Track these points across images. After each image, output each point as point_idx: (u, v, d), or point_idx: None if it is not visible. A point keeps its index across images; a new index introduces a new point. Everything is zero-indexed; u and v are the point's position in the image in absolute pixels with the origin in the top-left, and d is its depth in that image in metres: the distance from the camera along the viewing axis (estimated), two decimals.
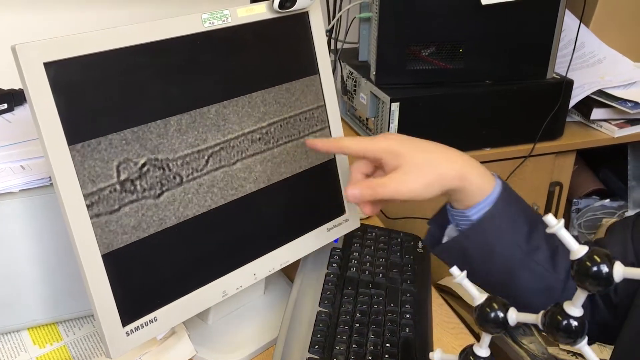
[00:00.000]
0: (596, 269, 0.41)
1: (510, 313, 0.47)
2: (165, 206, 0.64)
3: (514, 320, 0.47)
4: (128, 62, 0.61)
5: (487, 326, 0.48)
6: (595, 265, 0.41)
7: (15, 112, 0.84)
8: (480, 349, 0.50)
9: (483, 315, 0.48)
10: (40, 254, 0.73)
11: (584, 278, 0.41)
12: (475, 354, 0.50)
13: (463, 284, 0.50)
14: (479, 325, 0.49)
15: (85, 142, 0.58)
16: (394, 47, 1.15)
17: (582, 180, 1.58)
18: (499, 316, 0.47)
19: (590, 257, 0.41)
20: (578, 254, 0.42)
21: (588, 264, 0.41)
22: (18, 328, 0.77)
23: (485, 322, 0.48)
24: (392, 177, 0.64)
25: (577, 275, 0.42)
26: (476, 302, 0.49)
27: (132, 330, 0.63)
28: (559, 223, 0.43)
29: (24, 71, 0.54)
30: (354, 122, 1.34)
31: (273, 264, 0.76)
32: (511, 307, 0.48)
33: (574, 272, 0.42)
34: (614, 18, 1.43)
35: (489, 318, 0.47)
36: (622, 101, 1.30)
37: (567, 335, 0.43)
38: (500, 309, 0.47)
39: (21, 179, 0.68)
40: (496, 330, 0.48)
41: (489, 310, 0.48)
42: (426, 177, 0.63)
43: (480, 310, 0.48)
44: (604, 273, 0.41)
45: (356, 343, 0.70)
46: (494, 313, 0.47)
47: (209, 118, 0.67)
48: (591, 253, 0.41)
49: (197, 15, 0.65)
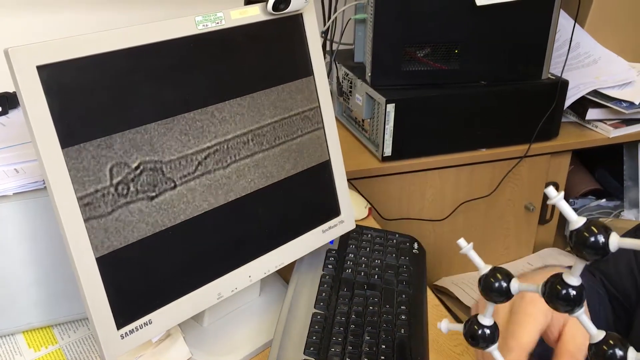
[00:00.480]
0: (593, 239, 0.43)
1: (513, 283, 0.50)
2: (160, 209, 0.64)
3: (516, 289, 0.50)
4: (121, 64, 0.61)
5: (492, 295, 0.50)
6: (593, 236, 0.43)
7: (10, 115, 0.84)
8: (484, 318, 0.53)
9: (488, 285, 0.50)
10: (34, 257, 0.72)
11: (582, 247, 0.43)
12: (479, 322, 0.53)
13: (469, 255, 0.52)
14: (483, 294, 0.51)
15: (78, 145, 0.58)
16: (389, 49, 1.15)
17: (578, 180, 1.58)
18: (502, 285, 0.50)
19: (587, 227, 0.43)
20: (576, 224, 0.44)
21: (586, 234, 0.43)
22: (13, 331, 0.77)
23: (490, 292, 0.50)
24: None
25: (575, 245, 0.44)
26: (481, 272, 0.51)
27: (126, 333, 0.63)
28: (558, 195, 0.45)
29: (16, 74, 0.54)
30: (350, 123, 1.34)
31: (268, 265, 0.76)
32: (514, 277, 0.50)
33: (573, 242, 0.44)
34: (608, 18, 1.43)
35: (493, 287, 0.50)
36: (617, 101, 1.30)
37: (566, 304, 0.45)
38: (504, 279, 0.50)
39: (15, 182, 0.68)
40: (500, 300, 0.50)
41: (493, 280, 0.50)
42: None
43: (485, 280, 0.51)
44: (600, 243, 0.42)
45: (351, 344, 0.71)
46: (497, 283, 0.50)
47: (203, 120, 0.67)
48: (589, 224, 0.43)
49: (190, 18, 0.65)
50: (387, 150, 1.17)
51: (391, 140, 1.16)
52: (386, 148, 1.17)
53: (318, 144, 0.79)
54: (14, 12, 1.18)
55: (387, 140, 1.16)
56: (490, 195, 1.32)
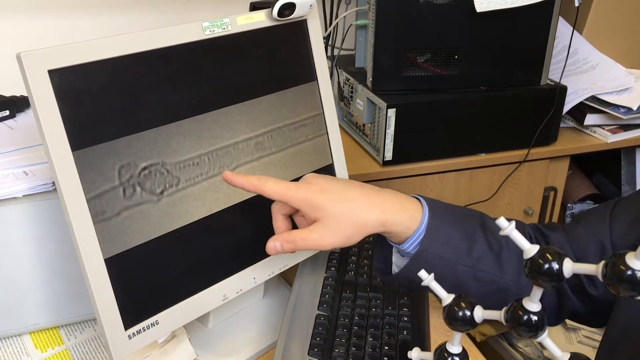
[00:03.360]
0: (548, 266, 0.43)
1: (477, 311, 0.50)
2: (167, 211, 0.65)
3: (480, 317, 0.50)
4: (130, 69, 0.62)
5: (456, 324, 0.51)
6: (547, 263, 0.43)
7: (17, 119, 0.85)
8: (452, 346, 0.53)
9: (451, 314, 0.51)
10: (42, 259, 0.73)
11: (537, 275, 0.43)
12: (448, 350, 0.53)
13: (431, 286, 0.53)
14: (448, 324, 0.52)
15: (88, 147, 0.59)
16: (390, 54, 1.16)
17: (577, 185, 1.59)
18: (466, 314, 0.50)
19: (542, 255, 0.43)
20: (530, 253, 0.44)
21: (540, 261, 0.43)
22: (20, 332, 0.78)
23: (454, 321, 0.51)
24: (312, 230, 0.64)
25: (530, 272, 0.44)
26: (444, 302, 0.52)
27: (134, 334, 0.64)
28: (510, 225, 0.45)
29: (28, 78, 0.55)
30: (351, 128, 1.35)
31: (272, 268, 0.77)
32: (477, 306, 0.51)
33: (528, 270, 0.44)
34: (606, 25, 1.44)
35: (457, 317, 0.51)
36: (615, 107, 1.32)
37: (528, 329, 0.46)
38: (467, 307, 0.51)
39: (24, 184, 0.69)
40: (464, 328, 0.51)
41: (456, 309, 0.51)
42: (345, 230, 0.63)
43: (448, 309, 0.51)
44: (555, 270, 0.42)
45: (355, 346, 0.71)
46: (461, 312, 0.51)
47: (210, 124, 0.68)
48: (542, 251, 0.43)
49: (197, 24, 0.67)
50: (387, 154, 1.18)
51: (392, 144, 1.17)
52: (387, 153, 1.18)
53: (321, 149, 0.80)
54: (26, 17, 1.19)
55: (388, 144, 1.17)
56: (490, 199, 1.33)
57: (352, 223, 0.63)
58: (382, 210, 0.64)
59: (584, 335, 1.28)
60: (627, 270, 0.38)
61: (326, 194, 0.64)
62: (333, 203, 0.64)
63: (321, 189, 0.65)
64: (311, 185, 0.66)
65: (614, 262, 0.39)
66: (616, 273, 0.39)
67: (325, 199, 0.64)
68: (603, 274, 0.40)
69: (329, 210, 0.63)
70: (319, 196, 0.64)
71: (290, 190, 0.65)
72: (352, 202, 0.64)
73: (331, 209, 0.63)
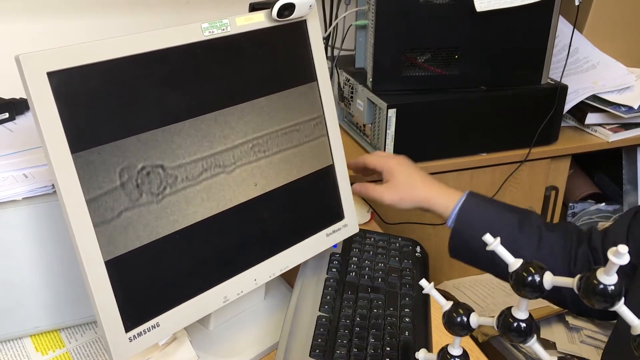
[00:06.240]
0: (530, 279, 0.47)
1: (472, 317, 0.54)
2: (167, 213, 0.65)
3: (476, 323, 0.54)
4: (129, 71, 0.62)
5: (454, 329, 0.55)
6: (530, 276, 0.47)
7: (17, 121, 0.85)
8: (453, 349, 0.57)
9: (450, 319, 0.55)
10: (43, 261, 0.73)
11: (521, 287, 0.47)
12: (449, 352, 0.57)
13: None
14: (447, 329, 0.56)
15: (88, 149, 0.59)
16: (390, 54, 1.16)
17: (578, 184, 1.59)
18: (463, 320, 0.54)
19: (525, 268, 0.47)
20: (514, 266, 0.48)
21: (524, 274, 0.47)
22: (20, 335, 0.78)
23: (453, 326, 0.55)
24: (382, 186, 0.94)
25: (514, 284, 0.48)
26: (443, 309, 0.56)
27: (134, 336, 0.63)
28: (495, 241, 0.49)
29: (27, 81, 0.55)
30: (351, 128, 1.35)
31: (273, 269, 0.77)
32: (473, 312, 0.55)
33: (512, 281, 0.48)
34: (606, 24, 1.44)
35: (455, 322, 0.55)
36: (616, 106, 1.31)
37: (518, 335, 0.50)
38: (464, 313, 0.55)
39: (24, 187, 0.69)
40: (462, 333, 0.55)
41: (454, 315, 0.55)
42: (400, 193, 0.92)
43: (447, 315, 0.55)
44: (537, 282, 0.47)
45: (356, 347, 0.71)
46: (459, 318, 0.55)
47: (210, 125, 0.68)
48: (525, 265, 0.48)
49: (197, 25, 0.66)
50: None
51: (392, 145, 1.17)
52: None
53: (322, 149, 0.80)
54: (25, 19, 1.19)
55: (389, 145, 1.17)
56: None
57: (406, 190, 0.91)
58: (430, 190, 0.91)
59: (586, 335, 1.27)
60: (599, 284, 0.42)
61: (401, 168, 0.94)
62: (401, 174, 0.93)
63: (399, 163, 0.95)
64: (392, 159, 0.96)
65: (588, 276, 0.43)
66: (589, 287, 0.43)
67: (399, 170, 0.93)
68: (578, 287, 0.44)
69: (395, 177, 0.93)
70: (396, 166, 0.94)
71: (383, 159, 0.97)
72: (411, 177, 0.93)
73: (399, 177, 0.92)
